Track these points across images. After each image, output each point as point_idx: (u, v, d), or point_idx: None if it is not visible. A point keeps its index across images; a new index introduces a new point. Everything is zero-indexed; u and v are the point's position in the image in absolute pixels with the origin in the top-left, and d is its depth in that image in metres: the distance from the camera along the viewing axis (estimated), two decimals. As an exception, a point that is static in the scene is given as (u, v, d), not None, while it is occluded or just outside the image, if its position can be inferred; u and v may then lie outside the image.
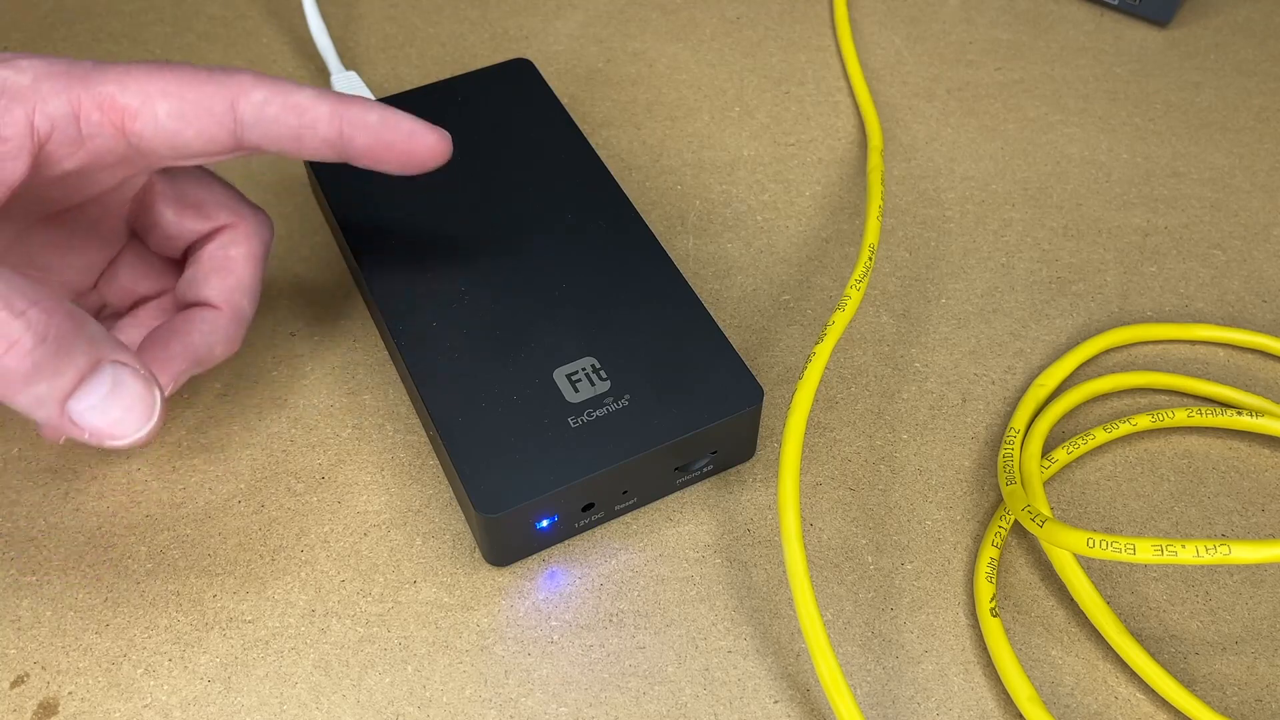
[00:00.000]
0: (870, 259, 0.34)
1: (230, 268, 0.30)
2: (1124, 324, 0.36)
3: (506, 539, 0.29)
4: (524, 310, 0.32)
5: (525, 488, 0.28)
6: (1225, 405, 0.34)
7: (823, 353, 0.31)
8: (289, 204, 0.39)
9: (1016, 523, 0.31)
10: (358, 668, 0.28)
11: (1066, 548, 0.27)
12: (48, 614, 0.29)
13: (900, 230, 0.39)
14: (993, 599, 0.29)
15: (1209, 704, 0.28)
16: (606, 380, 0.30)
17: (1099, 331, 0.36)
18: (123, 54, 0.44)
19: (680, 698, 0.28)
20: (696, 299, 0.32)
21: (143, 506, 0.31)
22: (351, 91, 0.38)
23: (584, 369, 0.30)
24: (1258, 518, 0.32)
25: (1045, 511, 0.30)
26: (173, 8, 0.46)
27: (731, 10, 0.47)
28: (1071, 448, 0.32)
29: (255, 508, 0.31)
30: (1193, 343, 0.36)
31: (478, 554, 0.30)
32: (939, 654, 0.29)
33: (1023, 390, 0.34)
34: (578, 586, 0.30)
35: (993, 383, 0.35)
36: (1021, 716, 0.28)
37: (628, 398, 0.30)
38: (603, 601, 0.30)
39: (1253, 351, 0.36)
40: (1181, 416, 0.33)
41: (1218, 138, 0.42)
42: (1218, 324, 0.36)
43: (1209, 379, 0.34)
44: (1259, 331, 0.36)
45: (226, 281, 0.30)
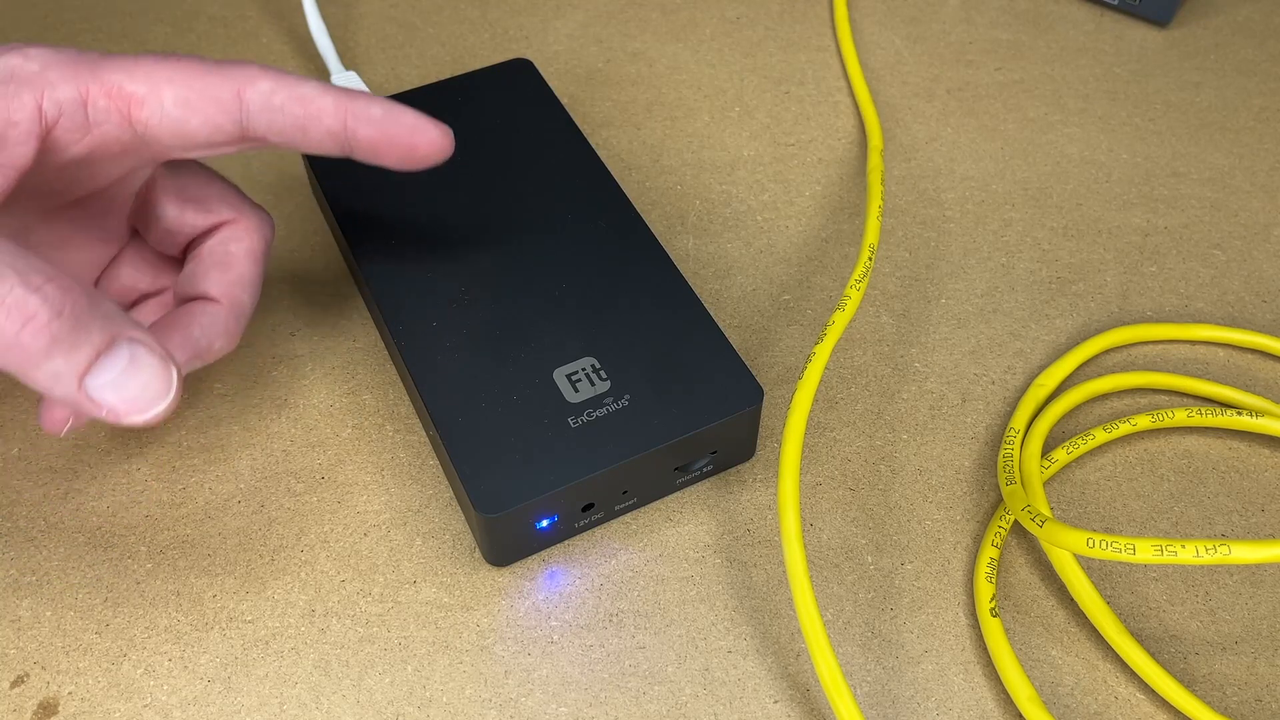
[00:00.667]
0: (870, 259, 0.34)
1: (230, 263, 0.30)
2: (1124, 324, 0.36)
3: (506, 539, 0.29)
4: (524, 310, 0.32)
5: (525, 488, 0.28)
6: (1225, 405, 0.34)
7: (823, 353, 0.31)
8: (289, 204, 0.39)
9: (1016, 523, 0.31)
10: (358, 668, 0.28)
11: (1066, 548, 0.27)
12: (48, 614, 0.29)
13: (900, 230, 0.39)
14: (993, 599, 0.29)
15: (1209, 704, 0.28)
16: (606, 380, 0.30)
17: (1099, 331, 0.36)
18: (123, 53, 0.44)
19: (680, 698, 0.28)
20: (696, 299, 0.32)
21: (143, 506, 0.31)
22: (351, 91, 0.38)
23: (584, 369, 0.30)
24: (1258, 518, 0.32)
25: (1045, 511, 0.30)
26: (173, 8, 0.46)
27: (731, 10, 0.47)
28: (1071, 448, 0.32)
29: (255, 508, 0.31)
30: (1193, 343, 0.36)
31: (478, 554, 0.30)
32: (939, 654, 0.29)
33: (1023, 390, 0.34)
34: (578, 586, 0.30)
35: (993, 383, 0.35)
36: (1021, 716, 0.28)
37: (628, 398, 0.30)
38: (603, 601, 0.30)
39: (1253, 351, 0.36)
40: (1181, 416, 0.33)
41: (1218, 138, 0.42)
42: (1218, 324, 0.36)
43: (1209, 379, 0.34)
44: (1259, 331, 0.36)
45: (227, 276, 0.29)
